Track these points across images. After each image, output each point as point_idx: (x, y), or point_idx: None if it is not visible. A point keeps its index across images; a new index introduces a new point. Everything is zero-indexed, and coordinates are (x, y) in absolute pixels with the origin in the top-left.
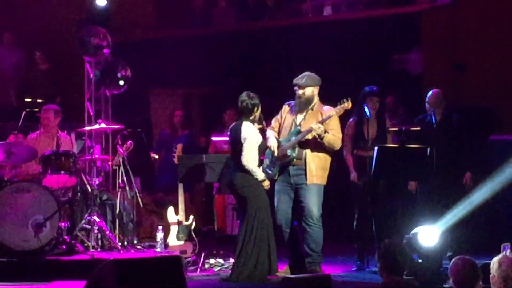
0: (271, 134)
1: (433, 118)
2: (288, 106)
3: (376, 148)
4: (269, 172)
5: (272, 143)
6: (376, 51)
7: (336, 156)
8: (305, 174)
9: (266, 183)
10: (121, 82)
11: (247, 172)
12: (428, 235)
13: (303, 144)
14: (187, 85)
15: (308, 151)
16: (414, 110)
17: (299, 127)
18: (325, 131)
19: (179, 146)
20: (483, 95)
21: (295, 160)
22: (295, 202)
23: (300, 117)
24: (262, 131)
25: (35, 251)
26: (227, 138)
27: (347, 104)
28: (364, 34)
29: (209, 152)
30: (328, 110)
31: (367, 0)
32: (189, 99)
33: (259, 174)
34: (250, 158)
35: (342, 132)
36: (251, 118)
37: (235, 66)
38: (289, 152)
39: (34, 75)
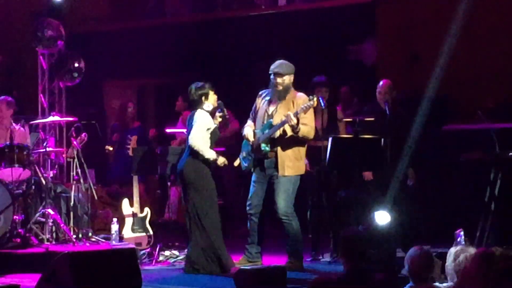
0: (247, 125)
1: (386, 108)
2: (262, 95)
3: (330, 138)
4: (245, 164)
5: (247, 132)
6: (330, 42)
7: None
8: (277, 167)
9: (221, 160)
10: (75, 74)
11: (196, 159)
12: (382, 216)
13: (276, 136)
14: (141, 76)
15: (280, 143)
16: (369, 100)
17: (271, 120)
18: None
19: (134, 138)
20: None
21: (269, 153)
22: (267, 193)
23: (272, 108)
24: (225, 119)
25: None
26: (183, 130)
27: (313, 103)
28: (318, 25)
29: (172, 144)
30: (300, 97)
31: None
32: (143, 90)
33: (209, 153)
34: (196, 138)
35: None
36: (203, 106)
37: (189, 58)
38: (262, 146)
39: None
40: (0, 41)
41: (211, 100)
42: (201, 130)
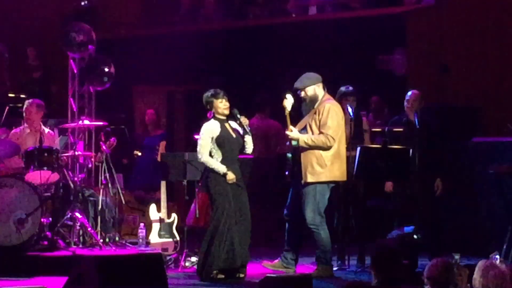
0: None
1: (415, 119)
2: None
3: (358, 148)
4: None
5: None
6: (361, 51)
7: None
8: (300, 173)
9: (230, 177)
10: (105, 79)
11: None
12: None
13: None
14: (170, 82)
15: (302, 149)
16: (398, 111)
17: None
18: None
19: (162, 144)
20: (467, 96)
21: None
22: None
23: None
24: (242, 126)
25: (17, 247)
26: None
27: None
28: (349, 34)
29: None
30: (326, 103)
31: (352, 0)
32: (173, 96)
33: (218, 167)
34: (203, 152)
35: None
36: (216, 115)
37: (219, 64)
38: (287, 155)
39: (24, 71)
40: (33, 44)
41: (216, 109)
42: (205, 144)
